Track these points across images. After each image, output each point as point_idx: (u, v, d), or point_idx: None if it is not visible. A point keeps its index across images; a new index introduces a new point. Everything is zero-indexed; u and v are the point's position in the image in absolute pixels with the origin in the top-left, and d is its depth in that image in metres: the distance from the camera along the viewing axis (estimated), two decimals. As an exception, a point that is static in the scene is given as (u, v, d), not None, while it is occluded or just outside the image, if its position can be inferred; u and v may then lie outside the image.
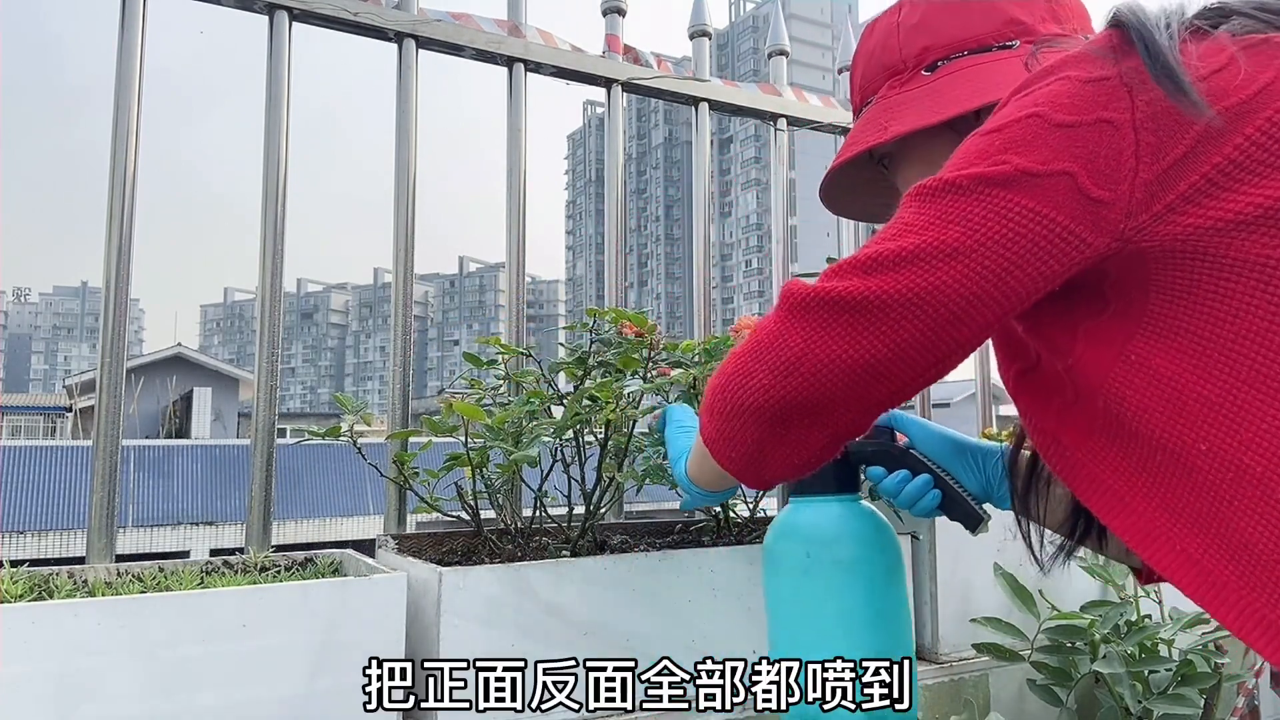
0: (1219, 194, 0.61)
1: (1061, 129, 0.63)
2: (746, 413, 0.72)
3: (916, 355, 0.66)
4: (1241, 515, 0.62)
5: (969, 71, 0.85)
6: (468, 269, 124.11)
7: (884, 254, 0.66)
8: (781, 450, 0.74)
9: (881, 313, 0.65)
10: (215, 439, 18.35)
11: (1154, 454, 0.67)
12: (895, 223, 0.68)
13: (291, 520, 12.88)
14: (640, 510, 2.15)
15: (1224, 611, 0.64)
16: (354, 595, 1.07)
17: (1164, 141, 0.62)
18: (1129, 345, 0.67)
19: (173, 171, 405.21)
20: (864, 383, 0.67)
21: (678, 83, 1.89)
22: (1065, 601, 1.49)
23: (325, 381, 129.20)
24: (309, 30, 1.57)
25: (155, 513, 12.92)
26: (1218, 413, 0.63)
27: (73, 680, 0.94)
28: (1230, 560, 0.63)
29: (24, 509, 12.08)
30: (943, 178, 0.67)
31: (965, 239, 0.64)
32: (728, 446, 0.77)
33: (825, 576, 0.97)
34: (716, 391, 0.76)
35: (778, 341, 0.70)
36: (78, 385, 23.36)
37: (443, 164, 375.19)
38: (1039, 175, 0.63)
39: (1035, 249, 0.63)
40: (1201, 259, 0.62)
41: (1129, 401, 0.67)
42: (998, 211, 0.63)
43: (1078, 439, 0.73)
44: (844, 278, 0.67)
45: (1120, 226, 0.63)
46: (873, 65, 0.93)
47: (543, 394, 1.36)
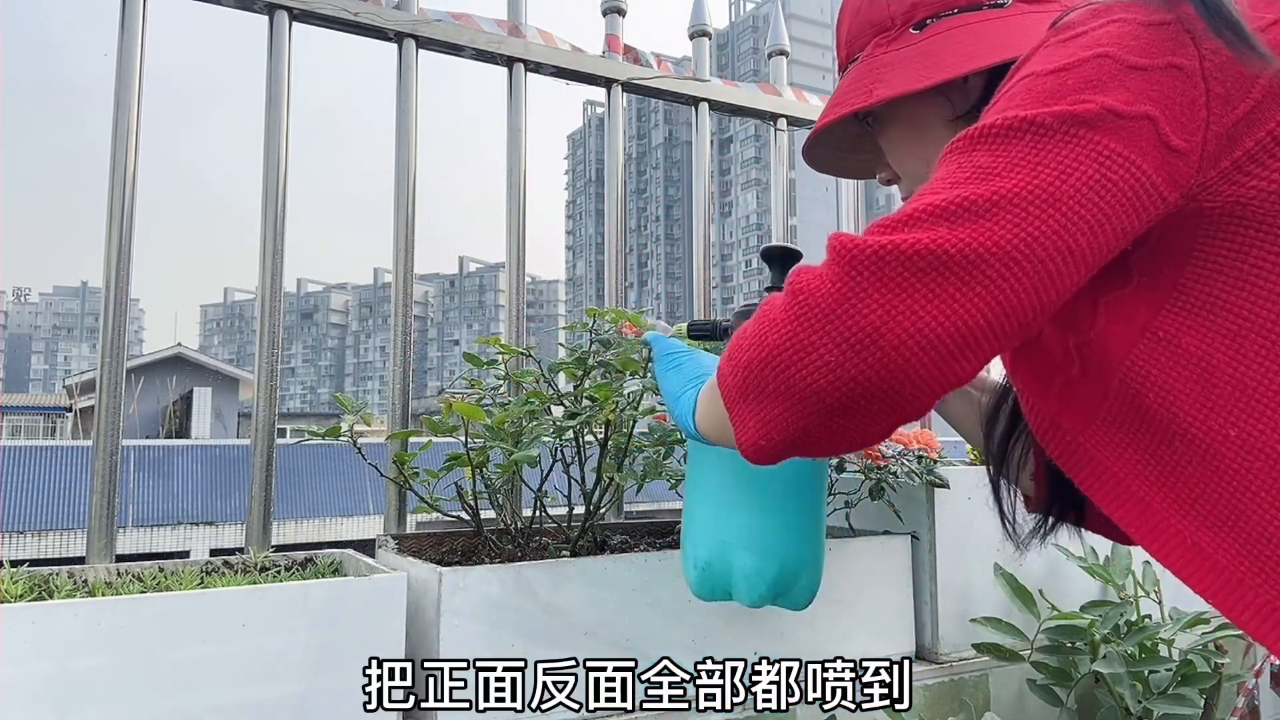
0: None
1: (1136, 71, 0.57)
2: (801, 396, 0.59)
3: (1009, 321, 0.56)
4: (1267, 508, 0.58)
5: (959, 32, 0.80)
6: (468, 269, 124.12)
7: (971, 199, 0.56)
8: (828, 438, 0.62)
9: (977, 269, 0.55)
10: (215, 439, 18.36)
11: (1170, 440, 0.63)
12: (967, 164, 0.59)
13: (291, 520, 12.88)
14: (640, 510, 2.15)
15: (1240, 610, 0.61)
16: (354, 595, 1.07)
17: (1231, 93, 0.57)
18: (1155, 320, 0.62)
19: (173, 171, 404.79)
20: (953, 356, 0.56)
21: (678, 83, 1.89)
22: (1065, 601, 1.49)
23: (325, 381, 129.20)
24: (309, 30, 1.57)
25: (155, 513, 12.92)
26: (1252, 398, 0.58)
27: (73, 680, 0.94)
28: (1249, 555, 0.60)
29: (24, 509, 12.08)
30: (1020, 115, 0.58)
31: (1061, 183, 0.56)
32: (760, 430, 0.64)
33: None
34: (755, 366, 0.62)
35: (843, 308, 0.56)
36: (78, 385, 23.36)
37: (443, 164, 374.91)
38: (1125, 116, 0.57)
39: (1124, 199, 0.57)
40: (1255, 226, 0.58)
41: (1152, 382, 0.62)
42: (1089, 154, 0.56)
43: (1080, 422, 0.68)
44: (922, 228, 0.56)
45: (1190, 181, 0.58)
46: (859, 21, 0.88)
47: (543, 394, 1.36)
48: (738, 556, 0.98)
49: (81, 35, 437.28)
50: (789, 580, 0.99)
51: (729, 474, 1.00)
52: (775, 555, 0.98)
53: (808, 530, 1.01)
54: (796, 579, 1.00)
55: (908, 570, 1.47)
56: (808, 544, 1.01)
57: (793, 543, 0.99)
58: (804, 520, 1.01)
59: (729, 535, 0.99)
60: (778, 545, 0.98)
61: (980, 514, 1.53)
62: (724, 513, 1.00)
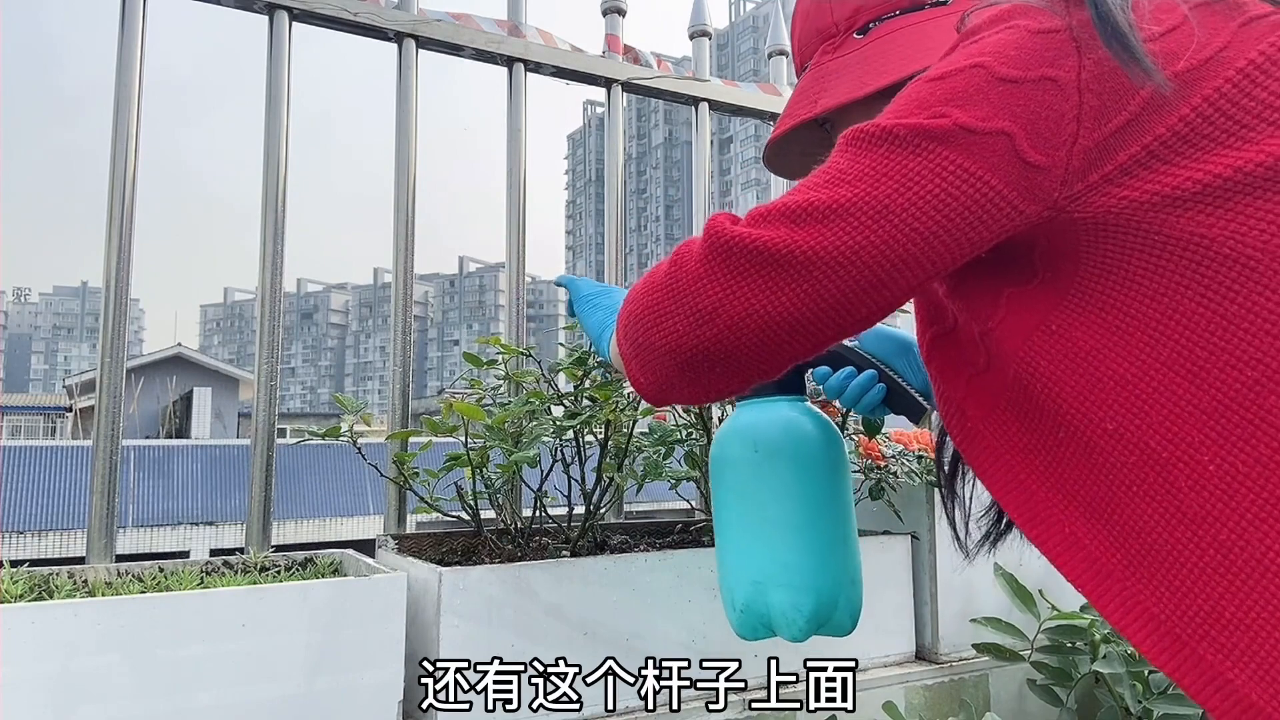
0: (1158, 166, 0.58)
1: (1005, 84, 0.59)
2: (657, 351, 0.69)
3: (836, 315, 0.63)
4: (1137, 500, 0.61)
5: (901, 34, 0.81)
6: (468, 269, 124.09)
7: (814, 204, 0.62)
8: (689, 389, 0.72)
9: (806, 269, 0.61)
10: (215, 439, 18.35)
11: (1056, 431, 0.65)
12: (829, 168, 0.64)
13: (291, 520, 12.88)
14: (640, 510, 2.15)
15: (1106, 601, 0.64)
16: (354, 595, 1.07)
17: (1107, 106, 0.58)
18: (1052, 315, 0.64)
19: (173, 172, 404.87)
20: (780, 340, 0.64)
21: (678, 83, 1.89)
22: (1065, 601, 1.49)
23: (325, 381, 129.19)
24: (309, 30, 1.57)
25: (155, 513, 12.92)
26: (1130, 392, 0.61)
27: (73, 680, 0.94)
28: (1118, 548, 0.62)
29: (24, 509, 12.08)
30: (881, 124, 0.62)
31: (897, 196, 0.60)
32: (639, 372, 0.74)
33: (774, 472, 0.97)
34: (633, 320, 0.72)
35: (696, 286, 0.66)
36: (78, 385, 23.36)
37: (443, 164, 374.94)
38: (977, 133, 0.59)
39: (966, 213, 0.60)
40: (1135, 233, 0.59)
41: (1041, 371, 0.65)
42: (932, 169, 0.60)
43: (982, 410, 0.72)
44: (772, 225, 0.63)
45: (1054, 195, 0.60)
46: (807, 29, 0.89)
47: (543, 394, 1.36)
48: (773, 594, 0.96)
49: (82, 35, 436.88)
50: (827, 610, 0.97)
51: (751, 508, 0.98)
52: (810, 588, 0.96)
53: (839, 554, 0.99)
54: (834, 607, 0.97)
55: (908, 570, 1.47)
56: (841, 569, 0.99)
57: (825, 571, 0.97)
58: (834, 544, 0.98)
59: (761, 574, 0.97)
60: (810, 577, 0.96)
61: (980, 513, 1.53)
62: (754, 550, 0.98)
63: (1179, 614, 0.60)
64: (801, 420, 1.00)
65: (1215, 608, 0.58)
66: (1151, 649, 0.61)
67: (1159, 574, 0.60)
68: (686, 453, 1.49)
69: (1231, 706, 0.57)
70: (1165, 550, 0.60)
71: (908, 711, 1.39)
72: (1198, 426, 0.58)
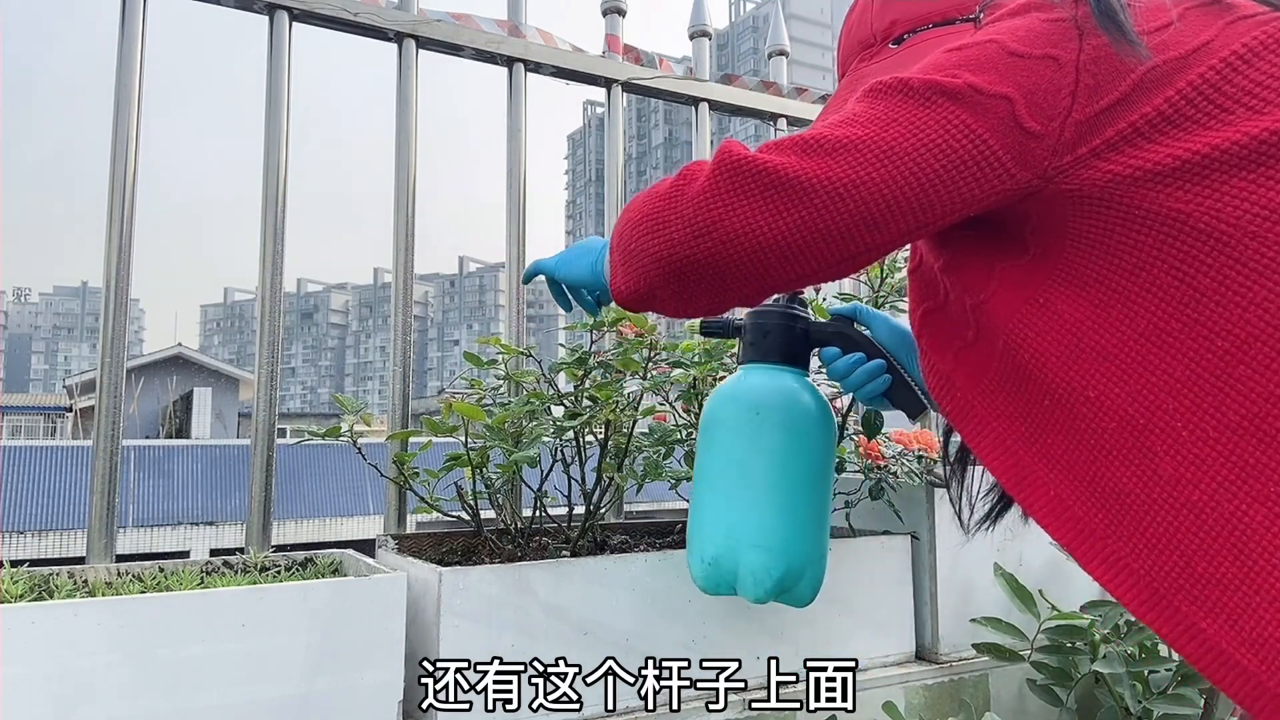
0: (1142, 144, 0.63)
1: (1013, 57, 0.66)
2: (649, 256, 0.73)
3: (828, 247, 0.67)
4: (1117, 463, 0.65)
5: (932, 43, 0.87)
6: (468, 269, 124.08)
7: (825, 138, 0.66)
8: (673, 300, 0.75)
9: (805, 195, 0.65)
10: (215, 439, 18.35)
11: (1041, 399, 0.70)
12: (846, 111, 0.69)
13: (291, 520, 12.87)
14: (640, 510, 2.15)
15: (1090, 559, 0.67)
16: (354, 595, 1.07)
17: (1101, 85, 0.64)
18: (1040, 290, 0.69)
19: (172, 172, 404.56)
20: (770, 261, 0.68)
21: (678, 83, 1.89)
22: (1065, 601, 1.49)
23: (325, 381, 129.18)
24: (309, 30, 1.57)
25: (155, 513, 12.92)
26: (1111, 362, 0.65)
27: (73, 680, 0.94)
28: (1101, 508, 0.66)
29: (24, 509, 12.07)
30: (900, 77, 0.68)
31: (903, 141, 0.65)
32: (624, 278, 0.78)
33: (771, 436, 1.00)
34: (630, 226, 0.76)
35: (699, 199, 0.69)
36: (78, 385, 23.36)
37: (443, 164, 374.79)
38: (983, 94, 0.65)
39: (964, 167, 0.65)
40: (1116, 208, 0.64)
41: (1028, 343, 0.69)
42: (939, 120, 0.65)
43: (970, 381, 0.76)
44: (781, 153, 0.67)
45: (1045, 164, 0.65)
46: (850, 41, 0.96)
47: (543, 394, 1.36)
48: (745, 553, 0.99)
49: (82, 35, 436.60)
50: (794, 578, 1.00)
51: (739, 469, 1.01)
52: (783, 553, 0.98)
53: (814, 528, 1.02)
54: (801, 577, 1.00)
55: (908, 570, 1.47)
56: (814, 542, 1.02)
57: (800, 540, 1.00)
58: (812, 517, 1.01)
59: (737, 531, 0.99)
60: (785, 543, 0.99)
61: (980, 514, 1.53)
62: (733, 507, 1.00)
63: (1157, 570, 0.64)
64: (804, 393, 1.02)
65: (1189, 564, 0.62)
66: (1132, 602, 0.65)
67: (1138, 533, 0.64)
68: (686, 453, 1.50)
69: (1205, 653, 0.62)
70: (1144, 511, 0.64)
71: (908, 711, 1.39)
72: (1173, 395, 0.62)
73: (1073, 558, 0.69)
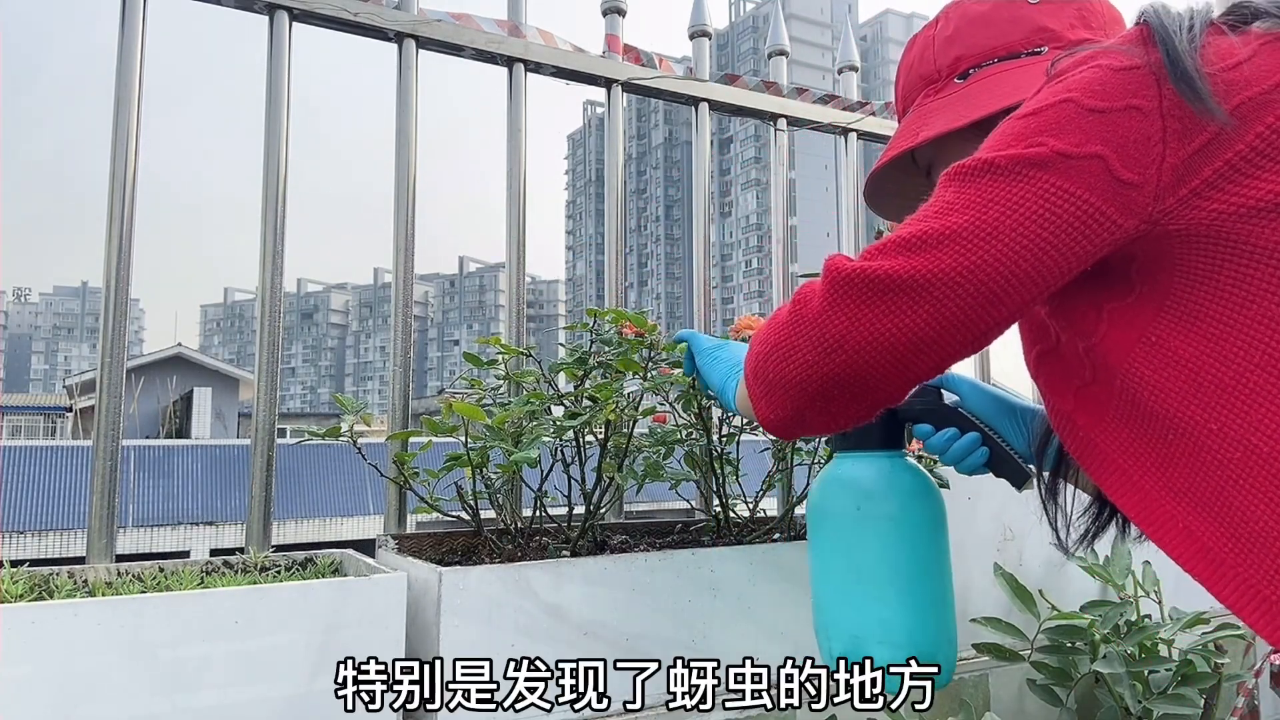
0: (1241, 180, 0.64)
1: (1094, 114, 0.66)
2: (789, 386, 0.74)
3: (957, 332, 0.68)
4: (1245, 493, 0.65)
5: (999, 77, 0.88)
6: (468, 269, 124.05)
7: (927, 233, 0.68)
8: (821, 419, 0.77)
9: (924, 291, 0.67)
10: (215, 439, 18.35)
11: (1165, 434, 0.70)
12: (935, 202, 0.70)
13: (291, 520, 12.88)
14: (640, 510, 2.15)
15: (1220, 586, 0.68)
16: (354, 595, 1.07)
17: (1188, 129, 0.65)
18: (1151, 328, 0.69)
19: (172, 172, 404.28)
20: (906, 360, 0.69)
21: (678, 83, 1.89)
22: (1065, 601, 1.49)
23: (325, 381, 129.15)
24: (310, 30, 1.57)
25: (155, 513, 12.92)
26: (1231, 395, 0.65)
27: (73, 680, 0.94)
28: (1230, 537, 0.66)
29: (24, 509, 12.07)
30: (981, 158, 0.69)
31: (1004, 219, 0.66)
32: (769, 409, 0.79)
33: (877, 529, 0.99)
34: (761, 359, 0.78)
35: (822, 318, 0.71)
36: (78, 385, 23.35)
37: (443, 164, 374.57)
38: (1073, 157, 0.65)
39: (1069, 229, 0.66)
40: (1223, 244, 0.65)
41: (1147, 381, 0.70)
42: (1035, 192, 0.66)
43: (1092, 420, 0.76)
44: (888, 256, 0.68)
45: (1149, 209, 0.66)
46: (912, 77, 0.97)
47: (543, 394, 1.36)
48: (872, 650, 0.97)
49: (82, 35, 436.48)
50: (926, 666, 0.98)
51: (851, 563, 0.99)
52: (908, 645, 0.97)
53: (937, 611, 1.00)
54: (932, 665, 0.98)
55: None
56: (939, 626, 1.00)
57: (924, 629, 0.98)
58: (932, 602, 0.99)
59: (860, 629, 0.98)
60: (910, 635, 0.97)
61: (980, 514, 1.53)
62: (853, 604, 0.99)
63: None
64: (904, 476, 1.01)
65: None
66: (1265, 628, 0.66)
67: (1269, 559, 0.64)
68: (686, 453, 1.49)
69: None
70: (1274, 536, 0.64)
71: (908, 711, 1.39)
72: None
73: (1203, 586, 0.70)
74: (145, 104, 1.45)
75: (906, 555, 0.98)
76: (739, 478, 1.52)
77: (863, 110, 2.09)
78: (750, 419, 0.94)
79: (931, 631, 0.99)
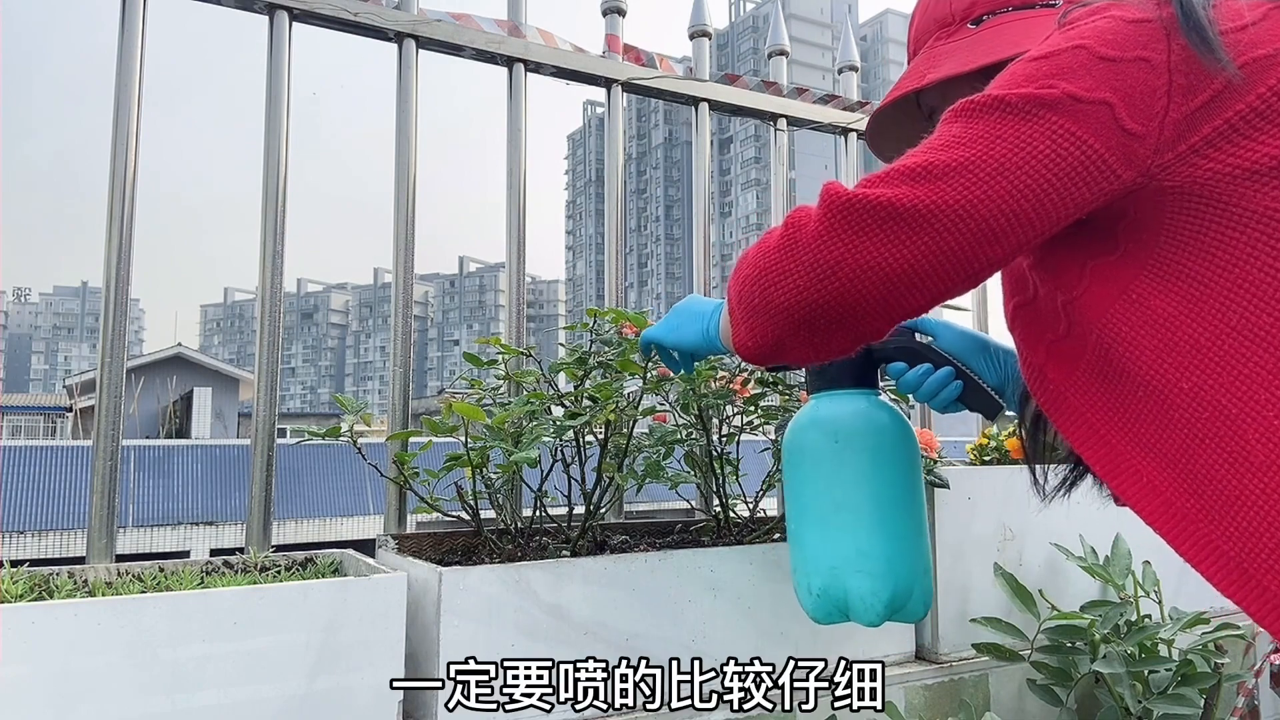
0: (1239, 139, 0.65)
1: (1105, 62, 0.66)
2: (775, 311, 0.73)
3: (953, 267, 0.67)
4: (1211, 452, 0.66)
5: (1012, 25, 0.88)
6: (468, 269, 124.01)
7: (933, 164, 0.67)
8: (803, 348, 0.75)
9: (925, 222, 0.66)
10: (215, 439, 18.34)
11: (1135, 391, 0.71)
12: (941, 135, 0.69)
13: (291, 520, 12.87)
14: (640, 510, 2.15)
15: (1181, 541, 0.69)
16: (354, 595, 1.07)
17: (1193, 85, 0.65)
18: (1132, 285, 0.70)
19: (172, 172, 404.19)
20: (899, 291, 0.68)
21: (678, 83, 1.89)
22: (1065, 601, 1.49)
23: (325, 381, 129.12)
24: (310, 30, 1.57)
25: (155, 513, 12.92)
26: (1204, 356, 0.66)
27: (73, 680, 0.94)
28: (1194, 494, 0.68)
29: (24, 509, 12.07)
30: (992, 94, 0.68)
31: (1012, 156, 0.66)
32: (749, 334, 0.77)
33: (855, 461, 1.01)
34: (748, 282, 0.75)
35: (817, 243, 0.69)
36: (78, 385, 23.35)
37: (443, 164, 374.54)
38: (1083, 101, 0.65)
39: (1073, 173, 0.66)
40: (1213, 205, 0.66)
41: (1122, 338, 0.71)
42: (1044, 132, 0.66)
43: (1063, 373, 0.77)
44: (891, 185, 0.67)
45: (1147, 162, 0.66)
46: (925, 19, 0.97)
47: (543, 394, 1.36)
48: (852, 580, 0.99)
49: (82, 35, 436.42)
50: (903, 596, 1.00)
51: (828, 497, 1.01)
52: (887, 574, 0.99)
53: (913, 543, 1.02)
54: (910, 594, 1.01)
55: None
56: (915, 557, 1.02)
57: (902, 558, 1.00)
58: (908, 534, 1.02)
59: (839, 560, 1.00)
60: (888, 564, 0.99)
61: (980, 514, 1.53)
62: (831, 537, 1.01)
63: (1247, 551, 0.65)
64: (879, 413, 1.03)
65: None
66: (1222, 582, 0.67)
67: (1229, 516, 0.66)
68: (686, 453, 1.49)
69: None
70: (1235, 495, 0.65)
71: (908, 711, 1.39)
72: (1265, 386, 0.64)
73: (1163, 539, 0.71)
74: (145, 104, 1.45)
75: (884, 487, 1.01)
76: (739, 478, 1.52)
77: (863, 110, 2.09)
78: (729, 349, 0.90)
79: (908, 561, 1.01)
